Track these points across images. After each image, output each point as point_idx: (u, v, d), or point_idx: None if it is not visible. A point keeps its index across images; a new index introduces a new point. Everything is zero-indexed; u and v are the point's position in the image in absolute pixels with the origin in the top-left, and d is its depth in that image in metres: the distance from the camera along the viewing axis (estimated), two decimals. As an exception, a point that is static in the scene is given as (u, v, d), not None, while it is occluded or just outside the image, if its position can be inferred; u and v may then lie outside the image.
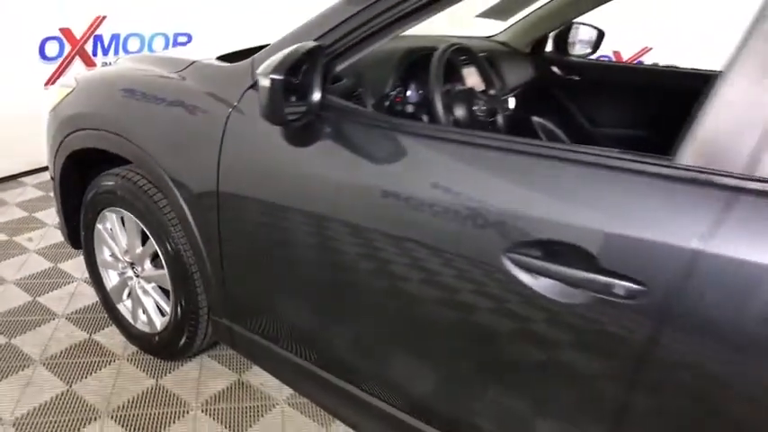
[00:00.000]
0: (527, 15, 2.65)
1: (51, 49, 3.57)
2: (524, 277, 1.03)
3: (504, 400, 1.18)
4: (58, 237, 2.84)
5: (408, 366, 1.33)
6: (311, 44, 1.21)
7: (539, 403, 1.14)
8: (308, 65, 1.21)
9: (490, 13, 2.30)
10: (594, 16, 2.58)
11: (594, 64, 2.85)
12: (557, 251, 0.99)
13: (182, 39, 4.25)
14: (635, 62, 4.37)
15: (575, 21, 2.72)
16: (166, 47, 4.17)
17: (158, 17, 4.03)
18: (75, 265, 2.64)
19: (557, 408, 1.11)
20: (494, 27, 2.75)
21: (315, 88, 1.23)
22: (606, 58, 4.29)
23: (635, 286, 0.92)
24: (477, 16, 2.34)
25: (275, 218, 1.43)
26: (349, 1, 1.27)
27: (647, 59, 4.35)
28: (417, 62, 1.76)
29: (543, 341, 1.05)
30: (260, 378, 2.00)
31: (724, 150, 0.87)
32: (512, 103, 2.09)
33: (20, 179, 3.64)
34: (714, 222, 0.86)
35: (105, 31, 3.80)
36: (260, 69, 1.14)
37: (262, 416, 1.85)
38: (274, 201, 1.41)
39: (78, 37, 3.67)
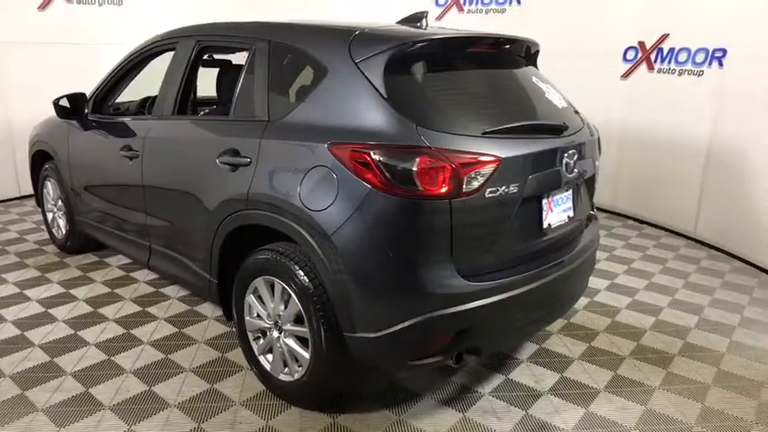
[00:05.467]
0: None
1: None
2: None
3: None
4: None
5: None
6: (78, 92, 3.47)
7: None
8: (82, 100, 3.47)
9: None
10: None
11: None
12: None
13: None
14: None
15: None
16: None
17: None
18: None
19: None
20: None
21: (84, 109, 3.48)
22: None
23: (134, 152, 3.02)
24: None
25: (84, 163, 3.64)
26: (105, 76, 3.54)
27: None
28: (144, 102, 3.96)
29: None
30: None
31: None
32: None
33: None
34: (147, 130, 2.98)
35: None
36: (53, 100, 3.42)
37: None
38: (83, 156, 3.64)
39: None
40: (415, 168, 1.93)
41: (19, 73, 5.45)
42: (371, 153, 1.97)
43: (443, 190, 1.94)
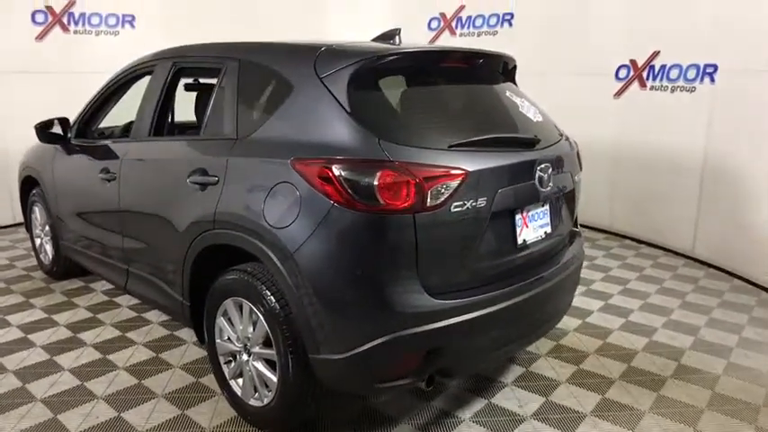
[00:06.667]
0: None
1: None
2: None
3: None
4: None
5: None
6: (61, 117, 3.48)
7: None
8: (65, 125, 3.48)
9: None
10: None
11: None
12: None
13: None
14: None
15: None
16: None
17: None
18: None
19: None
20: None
21: (68, 133, 3.48)
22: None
23: (112, 174, 3.00)
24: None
25: (67, 187, 3.63)
26: (89, 101, 3.55)
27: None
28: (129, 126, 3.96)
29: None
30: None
31: None
32: None
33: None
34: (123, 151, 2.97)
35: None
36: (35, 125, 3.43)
37: None
38: (66, 180, 3.63)
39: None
40: (376, 182, 1.87)
41: (16, 101, 5.51)
42: (333, 168, 1.93)
43: (406, 204, 1.89)
